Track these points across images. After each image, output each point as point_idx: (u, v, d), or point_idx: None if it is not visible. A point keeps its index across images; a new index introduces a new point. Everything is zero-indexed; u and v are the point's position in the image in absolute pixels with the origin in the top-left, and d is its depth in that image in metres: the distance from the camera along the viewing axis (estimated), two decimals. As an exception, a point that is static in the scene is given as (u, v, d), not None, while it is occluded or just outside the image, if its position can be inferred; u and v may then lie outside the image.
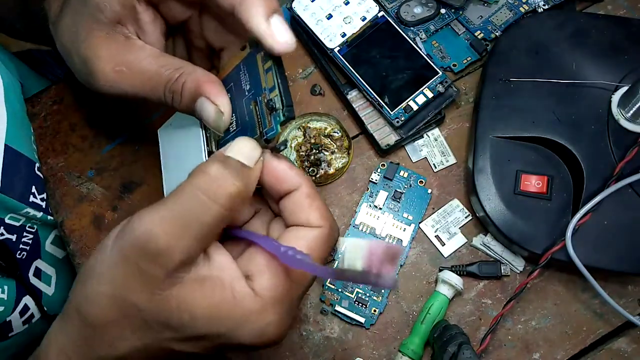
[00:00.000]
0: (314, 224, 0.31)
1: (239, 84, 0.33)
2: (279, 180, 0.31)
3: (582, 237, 0.41)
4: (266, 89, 0.31)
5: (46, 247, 0.51)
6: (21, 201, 0.45)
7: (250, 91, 0.32)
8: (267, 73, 0.31)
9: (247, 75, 0.33)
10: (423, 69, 0.46)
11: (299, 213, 0.31)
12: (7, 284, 0.45)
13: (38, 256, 0.50)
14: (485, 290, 0.45)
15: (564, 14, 0.48)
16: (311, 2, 0.48)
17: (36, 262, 0.50)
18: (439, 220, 0.46)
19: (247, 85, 0.33)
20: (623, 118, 0.43)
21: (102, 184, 0.48)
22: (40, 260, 0.50)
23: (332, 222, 0.32)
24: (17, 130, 0.46)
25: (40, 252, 0.50)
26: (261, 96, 0.31)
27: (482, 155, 0.44)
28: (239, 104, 0.33)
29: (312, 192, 0.32)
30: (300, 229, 0.31)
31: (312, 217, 0.31)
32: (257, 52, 0.32)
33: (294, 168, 0.32)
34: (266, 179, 0.31)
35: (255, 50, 0.32)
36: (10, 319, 0.46)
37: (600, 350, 0.43)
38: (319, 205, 0.31)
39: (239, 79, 0.33)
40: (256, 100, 0.32)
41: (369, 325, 0.44)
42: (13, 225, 0.46)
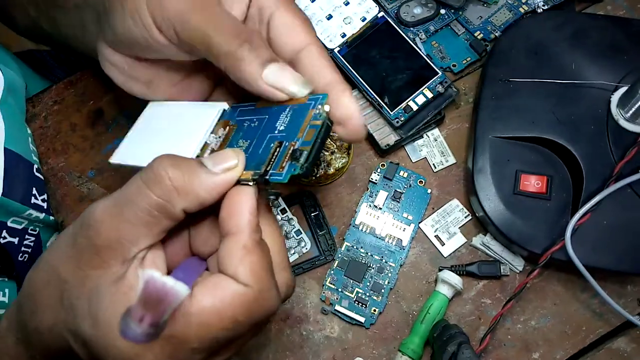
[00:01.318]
0: (240, 280, 0.26)
1: (273, 120, 0.31)
2: (228, 214, 0.27)
3: (581, 237, 0.41)
4: (300, 140, 0.28)
5: None
6: (23, 203, 0.45)
7: (282, 132, 0.30)
8: (311, 128, 0.28)
9: (289, 118, 0.30)
10: (423, 69, 0.47)
11: (227, 261, 0.27)
12: (8, 286, 0.46)
13: None
14: (484, 290, 0.45)
15: (563, 15, 0.48)
16: (311, 2, 0.48)
17: None
18: (438, 220, 0.46)
19: (282, 125, 0.30)
20: (622, 118, 0.43)
21: (102, 184, 0.48)
22: None
23: (265, 286, 0.27)
24: (16, 132, 0.46)
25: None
26: (290, 143, 0.28)
27: (482, 155, 0.44)
28: (261, 136, 0.30)
29: (250, 245, 0.27)
30: (224, 279, 0.27)
31: (241, 272, 0.26)
32: (314, 106, 0.29)
33: (255, 214, 0.27)
34: (222, 207, 0.28)
35: (313, 105, 0.29)
36: None
37: (600, 350, 0.43)
38: (254, 261, 0.27)
39: (277, 117, 0.30)
40: (282, 142, 0.29)
41: (368, 325, 0.44)
42: (15, 228, 0.46)
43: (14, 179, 0.44)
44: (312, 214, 0.46)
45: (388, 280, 0.45)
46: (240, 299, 0.26)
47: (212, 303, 0.26)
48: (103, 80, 0.50)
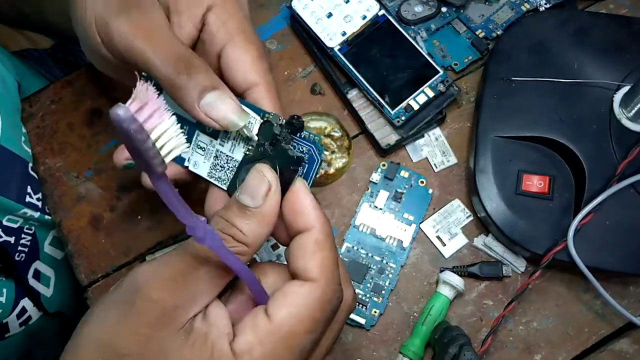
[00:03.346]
0: (309, 276, 0.27)
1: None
2: (294, 216, 0.28)
3: (584, 238, 0.41)
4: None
5: (45, 249, 0.51)
6: (18, 202, 0.45)
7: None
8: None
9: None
10: (424, 68, 0.46)
11: (299, 258, 0.27)
12: (6, 286, 0.45)
13: (37, 258, 0.50)
14: (486, 291, 0.44)
15: (565, 13, 0.47)
16: (311, 0, 0.48)
17: (35, 264, 0.49)
18: (439, 221, 0.46)
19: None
20: (625, 118, 0.43)
21: (100, 184, 0.48)
22: (39, 262, 0.50)
23: (331, 279, 0.27)
24: (11, 130, 0.45)
25: (39, 254, 0.50)
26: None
27: (484, 155, 0.43)
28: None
29: (322, 239, 0.28)
30: (290, 285, 0.27)
31: (311, 266, 0.27)
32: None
33: (317, 207, 0.28)
34: (284, 213, 0.28)
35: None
36: (7, 321, 0.46)
37: (602, 352, 0.43)
38: (325, 255, 0.27)
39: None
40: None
41: (369, 327, 0.44)
42: (11, 227, 0.46)
43: (8, 176, 0.44)
44: (312, 215, 0.46)
45: (389, 282, 0.44)
46: (311, 297, 0.26)
47: (288, 311, 0.26)
48: (101, 80, 0.50)
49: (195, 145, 0.33)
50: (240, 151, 0.32)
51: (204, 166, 0.33)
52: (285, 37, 0.51)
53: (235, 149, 0.32)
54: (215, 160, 0.33)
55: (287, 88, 0.50)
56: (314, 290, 0.26)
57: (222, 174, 0.33)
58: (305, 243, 0.27)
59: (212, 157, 0.33)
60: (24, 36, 0.95)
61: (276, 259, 0.45)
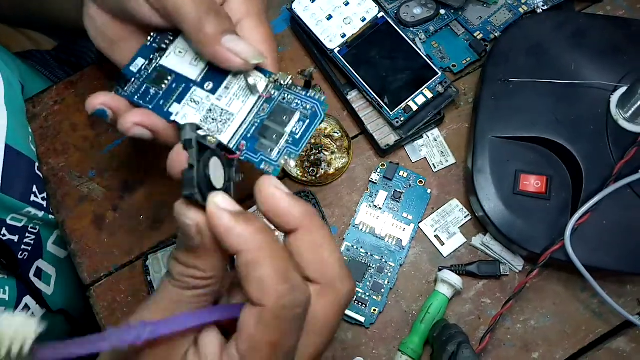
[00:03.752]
0: (252, 299, 0.25)
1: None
2: (275, 215, 0.27)
3: (581, 237, 0.41)
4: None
5: (48, 247, 0.51)
6: (22, 200, 0.45)
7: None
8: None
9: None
10: (422, 70, 0.47)
11: (242, 281, 0.25)
12: (9, 284, 0.46)
13: (40, 256, 0.50)
14: (484, 289, 0.45)
15: (563, 15, 0.48)
16: (311, 2, 0.49)
17: (37, 262, 0.50)
18: (438, 220, 0.46)
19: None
20: (622, 118, 0.43)
21: (103, 184, 0.48)
22: (41, 260, 0.50)
23: (279, 295, 0.24)
24: (17, 129, 0.46)
25: (42, 252, 0.50)
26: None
27: (482, 156, 0.44)
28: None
29: (262, 255, 0.25)
30: (243, 313, 0.25)
31: (251, 290, 0.24)
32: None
33: (286, 198, 0.26)
34: (265, 213, 0.27)
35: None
36: None
37: (599, 350, 0.43)
38: (262, 273, 0.24)
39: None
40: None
41: (368, 325, 0.44)
42: (15, 226, 0.46)
43: (13, 175, 0.44)
44: (312, 214, 0.46)
45: (388, 280, 0.45)
46: (260, 323, 0.25)
47: (246, 345, 0.25)
48: (104, 81, 0.50)
49: (188, 100, 0.34)
50: (237, 105, 0.33)
51: (193, 118, 0.34)
52: (285, 39, 0.52)
53: (232, 103, 0.33)
54: (207, 113, 0.34)
55: (288, 89, 0.50)
56: (260, 314, 0.24)
57: (213, 126, 0.33)
58: (239, 267, 0.25)
59: (204, 110, 0.34)
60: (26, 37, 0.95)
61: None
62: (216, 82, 0.34)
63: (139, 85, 0.35)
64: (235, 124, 0.33)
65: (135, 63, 0.36)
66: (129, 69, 0.36)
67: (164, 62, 0.35)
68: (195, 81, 0.34)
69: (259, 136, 0.32)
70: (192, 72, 0.35)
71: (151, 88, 0.35)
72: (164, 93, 0.35)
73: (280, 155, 0.32)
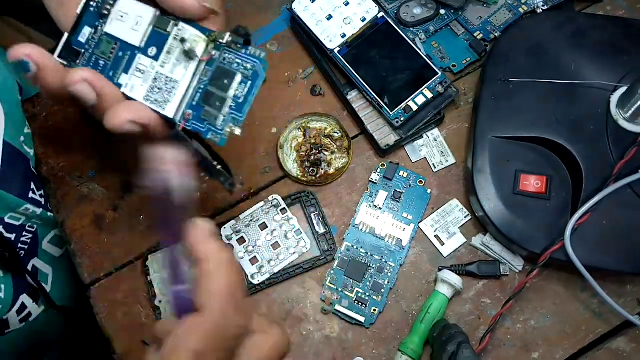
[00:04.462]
0: (196, 307, 0.28)
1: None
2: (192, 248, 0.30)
3: (581, 237, 0.41)
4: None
5: (43, 246, 0.51)
6: (21, 197, 0.45)
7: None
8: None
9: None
10: (422, 70, 0.47)
11: (195, 290, 0.28)
12: (4, 282, 0.46)
13: (35, 255, 0.50)
14: (484, 289, 0.45)
15: (563, 15, 0.48)
16: (311, 2, 0.49)
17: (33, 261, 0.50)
18: (438, 220, 0.46)
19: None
20: (622, 118, 0.43)
21: (103, 184, 0.48)
22: (37, 259, 0.50)
23: (220, 311, 0.27)
24: (14, 127, 0.46)
25: (38, 251, 0.50)
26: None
27: (482, 156, 0.44)
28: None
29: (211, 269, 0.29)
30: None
31: (199, 297, 0.28)
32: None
33: (208, 239, 0.30)
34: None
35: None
36: (7, 317, 0.46)
37: (599, 350, 0.43)
38: (214, 288, 0.28)
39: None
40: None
41: (368, 325, 0.44)
42: (13, 224, 0.46)
43: (12, 172, 0.44)
44: (312, 214, 0.46)
45: (388, 280, 0.45)
46: (191, 328, 0.27)
47: (170, 343, 0.27)
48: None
49: (134, 70, 0.34)
50: (180, 72, 0.33)
51: (141, 89, 0.33)
52: (285, 39, 0.52)
53: (175, 69, 0.33)
54: (153, 83, 0.33)
55: (288, 89, 0.50)
56: (196, 322, 0.27)
57: (159, 96, 0.33)
58: (197, 277, 0.28)
59: (150, 80, 0.33)
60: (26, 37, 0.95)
61: (276, 258, 0.45)
62: (159, 47, 0.33)
63: (89, 57, 0.34)
64: (180, 92, 0.32)
65: (83, 33, 0.35)
66: (78, 40, 0.35)
67: (107, 29, 0.34)
68: (139, 47, 0.34)
69: (204, 103, 0.32)
70: (135, 38, 0.34)
71: (100, 59, 0.34)
72: (112, 63, 0.34)
73: (225, 123, 0.31)
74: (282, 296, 0.45)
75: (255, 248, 0.45)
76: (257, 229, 0.46)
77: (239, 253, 0.45)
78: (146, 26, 0.34)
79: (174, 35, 0.33)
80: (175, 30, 0.33)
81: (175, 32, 0.33)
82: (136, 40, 0.34)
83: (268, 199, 0.46)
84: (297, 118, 0.49)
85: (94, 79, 0.32)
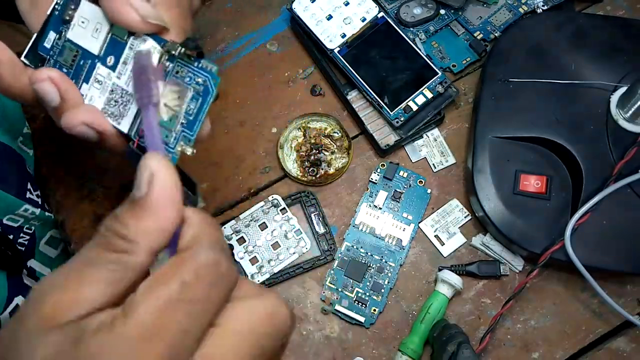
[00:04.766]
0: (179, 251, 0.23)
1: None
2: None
3: (581, 237, 0.41)
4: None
5: (40, 247, 0.51)
6: (19, 197, 0.45)
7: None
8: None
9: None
10: (422, 70, 0.47)
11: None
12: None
13: (32, 256, 0.50)
14: (484, 289, 0.45)
15: (563, 15, 0.48)
16: (311, 2, 0.49)
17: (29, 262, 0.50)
18: (438, 220, 0.46)
19: None
20: (622, 118, 0.43)
21: (103, 183, 0.48)
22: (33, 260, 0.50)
23: (206, 257, 0.22)
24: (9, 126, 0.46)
25: (35, 252, 0.50)
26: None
27: (482, 156, 0.44)
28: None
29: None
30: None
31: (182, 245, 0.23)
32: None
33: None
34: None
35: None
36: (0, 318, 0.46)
37: (599, 350, 0.43)
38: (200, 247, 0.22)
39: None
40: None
41: (368, 325, 0.44)
42: (11, 226, 0.46)
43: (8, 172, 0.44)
44: (312, 214, 0.46)
45: (388, 280, 0.45)
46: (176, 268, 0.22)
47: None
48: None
49: (93, 80, 0.33)
50: None
51: (99, 101, 0.32)
52: (285, 39, 0.52)
53: (131, 82, 0.31)
54: (110, 95, 0.32)
55: (288, 89, 0.50)
56: (178, 262, 0.22)
57: (115, 109, 0.32)
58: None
59: (107, 92, 0.32)
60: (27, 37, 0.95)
61: (276, 258, 0.45)
62: (116, 57, 0.32)
63: (53, 64, 0.34)
64: (135, 106, 0.31)
65: (48, 38, 0.34)
66: (43, 45, 0.34)
67: (69, 35, 0.33)
68: (98, 56, 0.33)
69: None
70: (95, 46, 0.33)
71: (63, 67, 0.33)
72: (74, 72, 0.33)
73: (177, 142, 0.30)
74: (282, 296, 0.45)
75: (255, 248, 0.45)
76: (257, 229, 0.46)
77: (239, 253, 0.45)
78: (105, 34, 0.33)
79: (130, 44, 0.32)
80: (131, 40, 0.32)
81: (131, 41, 0.32)
82: (95, 49, 0.33)
83: (268, 199, 0.46)
84: (297, 118, 0.49)
85: (60, 80, 0.31)
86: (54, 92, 0.31)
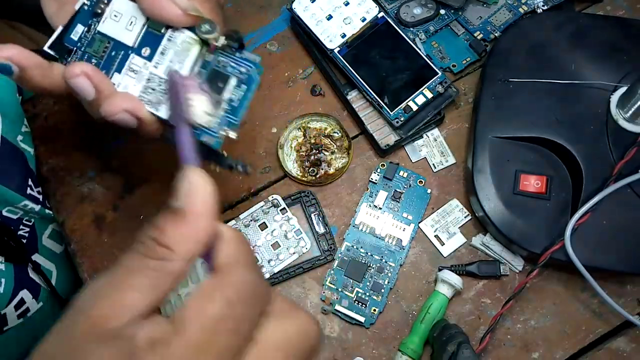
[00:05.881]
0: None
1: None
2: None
3: (581, 237, 0.41)
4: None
5: (43, 242, 0.51)
6: (19, 192, 0.45)
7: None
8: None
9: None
10: (422, 70, 0.47)
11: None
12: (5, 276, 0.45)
13: (35, 250, 0.50)
14: (484, 289, 0.45)
15: (563, 15, 0.48)
16: (311, 2, 0.49)
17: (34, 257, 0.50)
18: (438, 220, 0.46)
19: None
20: (622, 118, 0.43)
21: (103, 183, 0.48)
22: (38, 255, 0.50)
23: (242, 274, 0.23)
24: (12, 123, 0.46)
25: (38, 247, 0.50)
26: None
27: (482, 156, 0.44)
28: None
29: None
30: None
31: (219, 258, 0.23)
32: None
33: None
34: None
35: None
36: (5, 312, 0.46)
37: (599, 350, 0.43)
38: (233, 257, 0.23)
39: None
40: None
41: (368, 325, 0.44)
42: (10, 217, 0.46)
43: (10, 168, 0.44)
44: (312, 214, 0.46)
45: (388, 280, 0.45)
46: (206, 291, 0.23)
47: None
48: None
49: (127, 69, 0.34)
50: None
51: (134, 89, 0.33)
52: (285, 39, 0.52)
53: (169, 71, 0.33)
54: (147, 83, 0.33)
55: (288, 89, 0.50)
56: (215, 284, 0.22)
57: (153, 97, 0.33)
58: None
59: (144, 80, 0.33)
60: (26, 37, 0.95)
61: (276, 258, 0.45)
62: (152, 48, 0.33)
63: (81, 55, 0.34)
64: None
65: (75, 30, 0.35)
66: (70, 37, 0.35)
67: (101, 27, 0.34)
68: (133, 47, 0.34)
69: None
70: (129, 38, 0.34)
71: (92, 58, 0.34)
72: (104, 62, 0.34)
73: (220, 126, 0.31)
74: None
75: (255, 248, 0.45)
76: (257, 229, 0.46)
77: (239, 253, 0.45)
78: (140, 27, 0.34)
79: (168, 36, 0.33)
80: (170, 32, 0.33)
81: (169, 33, 0.33)
82: (130, 40, 0.34)
83: (268, 199, 0.46)
84: (297, 118, 0.49)
85: (93, 74, 0.32)
86: (89, 85, 0.32)
